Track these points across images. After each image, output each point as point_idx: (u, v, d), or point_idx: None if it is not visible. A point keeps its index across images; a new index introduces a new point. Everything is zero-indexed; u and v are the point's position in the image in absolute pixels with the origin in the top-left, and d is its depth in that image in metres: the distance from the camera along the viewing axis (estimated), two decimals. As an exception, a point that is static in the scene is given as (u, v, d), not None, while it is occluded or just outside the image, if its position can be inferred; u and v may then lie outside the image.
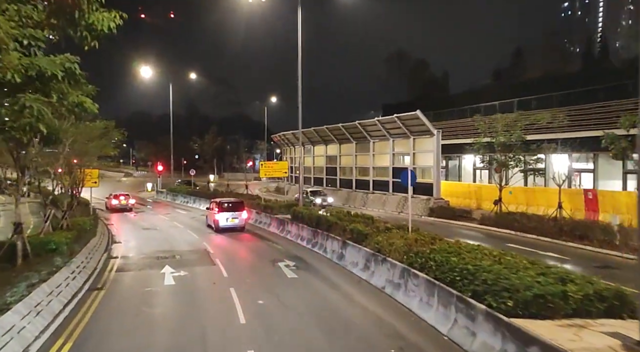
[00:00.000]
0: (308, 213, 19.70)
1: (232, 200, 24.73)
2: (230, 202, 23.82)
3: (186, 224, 27.02)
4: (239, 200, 25.24)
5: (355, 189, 35.83)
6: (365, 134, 33.74)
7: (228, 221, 22.82)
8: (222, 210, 22.96)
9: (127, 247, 19.45)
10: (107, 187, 56.89)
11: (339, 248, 15.55)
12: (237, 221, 22.97)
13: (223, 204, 23.48)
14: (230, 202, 23.96)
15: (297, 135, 44.52)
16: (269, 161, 28.07)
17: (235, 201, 24.56)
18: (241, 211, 23.27)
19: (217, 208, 23.23)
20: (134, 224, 27.18)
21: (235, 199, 25.45)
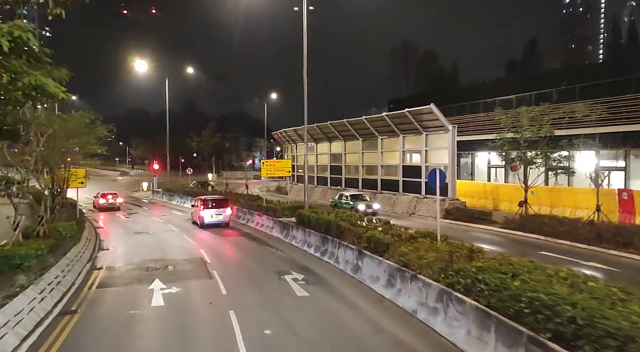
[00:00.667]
0: (315, 217, 17.72)
1: (217, 197, 25.88)
2: (214, 200, 24.87)
3: (182, 227, 25.05)
4: (223, 197, 26.28)
5: (362, 189, 33.85)
6: (372, 130, 31.76)
7: (213, 217, 23.87)
8: (207, 207, 24.07)
9: (115, 255, 17.48)
10: (102, 186, 54.86)
11: (354, 259, 13.59)
12: (222, 217, 24.06)
13: (208, 201, 24.56)
14: (215, 199, 25.05)
15: (299, 132, 42.59)
16: (271, 159, 26.07)
17: (219, 198, 25.69)
18: (225, 207, 24.38)
19: (202, 205, 24.28)
20: (126, 228, 25.20)
21: (219, 197, 26.59)
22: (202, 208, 23.98)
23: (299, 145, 44.68)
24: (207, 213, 23.80)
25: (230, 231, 23.60)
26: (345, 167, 36.59)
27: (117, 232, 23.74)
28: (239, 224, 25.83)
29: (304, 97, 21.96)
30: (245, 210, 26.61)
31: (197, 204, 25.16)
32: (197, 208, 25.02)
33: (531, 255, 15.53)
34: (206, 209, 23.92)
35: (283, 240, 20.20)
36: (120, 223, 27.32)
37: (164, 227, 25.37)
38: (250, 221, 25.63)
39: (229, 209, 24.60)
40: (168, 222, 27.35)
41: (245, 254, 17.38)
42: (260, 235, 21.98)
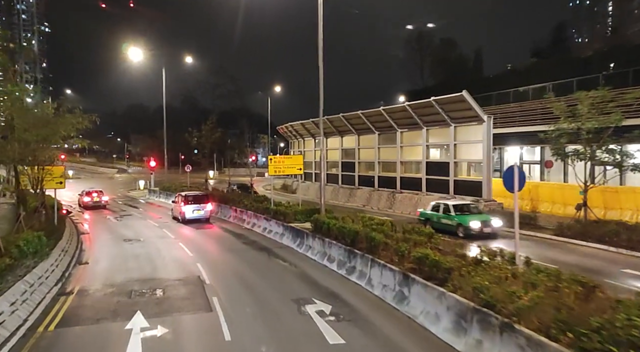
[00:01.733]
0: (338, 225, 14.54)
1: (197, 193, 26.44)
2: (195, 195, 25.42)
3: (179, 233, 21.93)
4: (204, 193, 26.97)
5: (378, 188, 30.66)
6: (391, 122, 28.51)
7: (194, 212, 24.22)
8: (188, 203, 24.39)
9: (95, 271, 14.37)
10: (97, 184, 51.89)
11: (396, 284, 10.41)
12: (202, 212, 24.42)
13: (189, 197, 24.95)
14: (196, 195, 25.60)
15: (307, 126, 39.37)
16: (279, 156, 22.81)
17: (200, 194, 26.31)
18: (206, 203, 24.79)
19: (183, 201, 24.52)
20: (115, 234, 22.09)
21: (200, 192, 27.37)
22: (183, 204, 24.30)
23: (306, 140, 41.49)
24: (189, 209, 24.17)
25: (234, 237, 20.49)
26: (359, 164, 33.38)
27: (103, 239, 20.63)
28: (244, 229, 22.70)
29: (319, 82, 18.76)
30: (250, 213, 23.46)
31: (178, 200, 25.39)
32: (178, 204, 25.22)
33: (613, 275, 12.40)
34: (187, 204, 24.27)
35: (296, 250, 17.06)
36: (109, 227, 24.21)
37: (159, 232, 22.25)
38: (256, 225, 22.49)
39: (210, 204, 25.09)
40: (164, 226, 24.24)
41: (253, 270, 14.22)
42: (268, 243, 18.84)
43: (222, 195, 28.93)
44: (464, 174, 25.23)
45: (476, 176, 23.37)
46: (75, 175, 62.11)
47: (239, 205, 25.41)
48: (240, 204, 25.37)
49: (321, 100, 18.93)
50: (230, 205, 26.26)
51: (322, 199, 18.84)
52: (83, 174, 68.86)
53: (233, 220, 25.38)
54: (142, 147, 77.47)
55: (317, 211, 19.80)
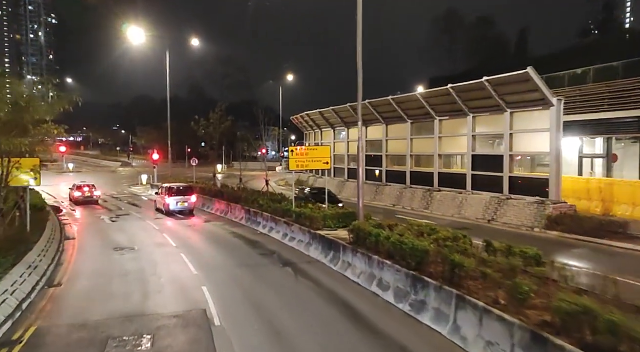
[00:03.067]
0: (393, 239, 10.71)
1: (182, 185, 25.90)
2: (179, 187, 25.01)
3: (182, 240, 18.25)
4: (188, 185, 26.52)
5: (410, 185, 26.75)
6: (428, 109, 24.51)
7: (178, 204, 23.87)
8: (172, 194, 24.01)
9: (65, 300, 10.72)
10: (98, 179, 48.54)
11: (517, 346, 6.55)
12: (187, 204, 24.11)
13: (173, 188, 24.62)
14: (180, 186, 25.24)
15: (325, 115, 35.42)
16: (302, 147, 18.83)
17: (185, 185, 25.85)
18: (190, 195, 24.42)
19: (167, 193, 24.20)
20: (106, 240, 18.46)
21: (184, 184, 26.69)
22: (168, 195, 23.94)
23: (324, 131, 37.59)
24: (173, 200, 23.78)
25: (249, 246, 16.76)
26: (387, 157, 29.44)
27: (90, 247, 17.00)
28: (259, 235, 18.97)
29: (358, 58, 14.91)
30: (266, 215, 19.70)
31: (162, 192, 25.03)
32: (162, 195, 24.84)
33: None
34: (171, 196, 23.91)
35: (329, 268, 13.29)
36: (101, 231, 20.59)
37: (158, 238, 18.59)
38: (274, 230, 18.75)
39: (194, 196, 24.74)
40: (164, 229, 20.59)
41: (281, 302, 10.44)
42: (292, 255, 15.08)
43: (232, 193, 25.22)
44: (525, 170, 21.24)
45: (541, 173, 19.39)
46: (77, 168, 58.99)
47: (253, 205, 21.67)
48: (254, 204, 21.62)
49: (360, 81, 15.04)
50: (242, 205, 22.54)
51: (359, 201, 14.97)
52: (85, 167, 65.65)
53: (246, 223, 21.67)
54: (147, 139, 74.06)
55: (351, 216, 16.01)
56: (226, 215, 24.16)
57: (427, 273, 9.30)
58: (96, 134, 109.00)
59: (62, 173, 54.40)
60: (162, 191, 25.36)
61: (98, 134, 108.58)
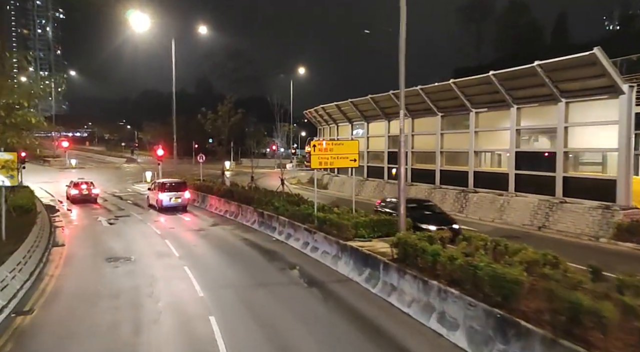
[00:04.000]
0: (461, 263, 8.12)
1: (175, 181, 25.27)
2: (172, 183, 24.47)
3: (187, 248, 15.80)
4: (182, 180, 25.79)
5: (440, 185, 24.08)
6: (463, 99, 21.80)
7: (171, 200, 23.47)
8: (165, 190, 23.56)
9: (33, 335, 8.29)
10: (101, 176, 46.40)
11: None
12: (180, 200, 23.71)
13: (165, 184, 24.10)
14: (173, 182, 24.69)
15: (343, 108, 32.73)
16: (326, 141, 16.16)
17: (178, 181, 25.20)
18: (183, 191, 24.03)
19: (159, 189, 23.78)
20: (99, 247, 16.06)
21: (177, 180, 25.91)
22: (160, 192, 23.56)
23: (341, 125, 34.96)
24: (166, 196, 23.36)
25: (265, 257, 14.25)
26: (413, 154, 26.77)
27: (79, 257, 14.58)
28: (275, 242, 16.46)
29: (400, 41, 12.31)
30: (283, 219, 17.19)
31: (154, 188, 24.68)
32: (154, 191, 24.52)
33: None
34: (164, 192, 23.49)
35: (367, 289, 10.77)
36: (95, 236, 18.19)
37: (159, 245, 16.15)
38: (292, 238, 16.24)
39: (187, 192, 24.37)
40: (167, 234, 18.15)
41: (313, 340, 7.90)
42: (318, 271, 12.56)
43: (243, 193, 22.72)
44: (586, 169, 18.51)
45: (608, 173, 16.64)
46: (80, 164, 56.91)
47: (267, 207, 19.15)
48: (268, 206, 19.10)
49: (402, 67, 12.43)
50: (255, 207, 20.04)
51: (400, 207, 12.37)
52: (89, 163, 63.60)
53: (259, 227, 19.18)
54: (153, 135, 71.91)
55: (387, 223, 13.45)
56: (236, 217, 21.70)
57: (519, 312, 6.72)
58: (102, 130, 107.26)
59: (64, 169, 52.36)
60: (154, 187, 24.94)
61: (104, 130, 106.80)
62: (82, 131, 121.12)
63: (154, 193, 24.74)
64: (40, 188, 35.21)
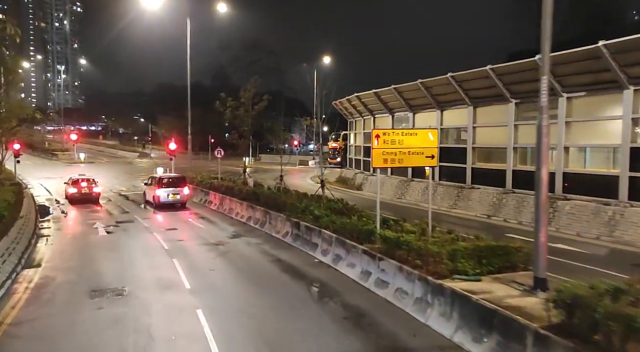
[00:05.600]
0: None
1: (174, 175, 23.66)
2: (170, 178, 22.89)
3: (202, 273, 11.63)
4: (181, 175, 23.96)
5: (513, 189, 19.47)
6: (552, 81, 17.13)
7: (169, 196, 21.99)
8: (163, 185, 22.04)
9: None
10: (111, 171, 42.90)
11: None
12: (179, 196, 22.23)
13: (163, 179, 22.53)
14: (171, 177, 23.10)
15: (383, 96, 28.18)
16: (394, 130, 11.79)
17: (176, 176, 23.51)
18: (182, 187, 22.47)
19: (157, 184, 22.12)
20: (86, 270, 11.98)
21: (176, 174, 24.33)
22: (158, 187, 22.03)
23: (378, 117, 30.48)
24: (163, 192, 21.94)
25: (311, 294, 9.97)
26: (474, 151, 22.16)
27: (53, 289, 10.49)
28: (318, 265, 12.17)
29: None
30: (328, 235, 12.87)
31: (152, 183, 23.08)
32: (151, 187, 22.91)
33: None
34: (162, 187, 22.03)
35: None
36: (86, 251, 14.14)
37: (165, 268, 12.00)
38: (343, 261, 11.92)
39: (187, 188, 22.84)
40: (177, 250, 14.04)
41: None
42: (401, 326, 8.24)
43: (271, 196, 18.39)
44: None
45: None
46: (90, 158, 53.56)
47: (304, 216, 14.84)
48: (306, 215, 14.78)
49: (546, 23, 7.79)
50: (287, 214, 15.77)
51: (539, 226, 7.88)
52: (100, 157, 60.29)
53: (293, 241, 14.92)
54: (167, 128, 68.42)
55: (503, 252, 8.97)
56: (262, 227, 17.49)
57: None
58: (115, 123, 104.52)
59: (71, 163, 49.03)
60: (152, 182, 23.06)
61: (118, 123, 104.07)
62: (96, 125, 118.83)
63: (151, 189, 22.85)
64: (41, 185, 31.66)
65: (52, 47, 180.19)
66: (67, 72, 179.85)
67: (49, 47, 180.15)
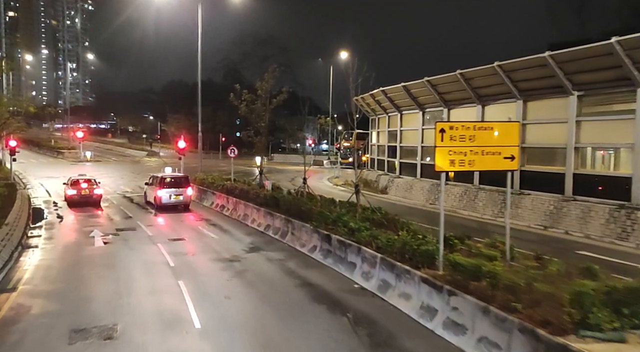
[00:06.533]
0: None
1: (176, 175, 22.35)
2: (173, 177, 21.60)
3: (215, 303, 9.16)
4: (184, 175, 22.56)
5: (574, 196, 16.74)
6: (629, 66, 14.39)
7: (171, 197, 20.71)
8: (164, 186, 20.77)
9: None
10: (118, 171, 40.80)
11: None
12: (182, 198, 20.91)
13: (165, 179, 21.14)
14: (174, 177, 21.78)
15: (412, 90, 25.60)
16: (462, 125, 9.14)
17: (179, 175, 22.32)
18: (185, 187, 21.16)
19: (159, 184, 20.82)
20: (69, 298, 9.58)
21: (179, 174, 22.94)
22: (159, 187, 20.65)
23: (406, 114, 27.84)
24: (165, 193, 20.57)
25: (352, 336, 7.37)
26: (524, 151, 19.44)
27: (23, 327, 8.07)
28: (359, 293, 9.66)
29: None
30: (369, 254, 10.32)
31: (153, 182, 21.88)
32: (153, 187, 21.55)
33: None
34: (163, 188, 20.66)
35: None
36: (75, 269, 11.76)
37: (169, 295, 9.57)
38: (393, 289, 9.38)
39: (190, 189, 21.56)
40: (184, 268, 11.63)
41: None
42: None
43: (293, 203, 15.79)
44: None
45: None
46: (97, 157, 51.56)
47: (335, 228, 12.28)
48: (340, 228, 12.21)
49: None
50: (315, 226, 13.23)
51: None
52: (107, 156, 58.32)
53: (323, 259, 12.40)
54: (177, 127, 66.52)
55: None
56: (284, 237, 15.02)
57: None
58: (125, 121, 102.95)
59: (77, 162, 47.06)
60: (153, 181, 21.79)
61: (128, 122, 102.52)
62: (106, 123, 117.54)
63: (152, 189, 21.48)
64: (41, 185, 29.53)
65: (63, 45, 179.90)
66: (78, 71, 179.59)
67: (60, 45, 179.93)
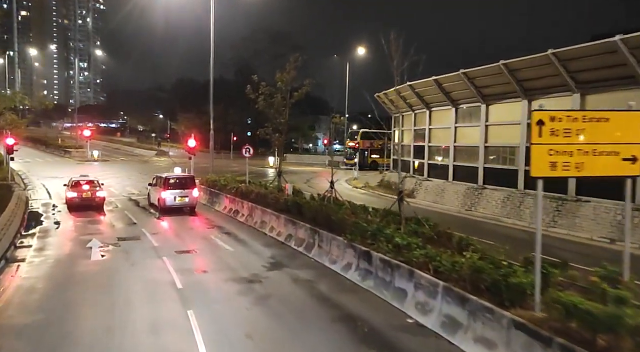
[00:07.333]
0: None
1: (182, 175, 21.93)
2: (178, 178, 20.55)
3: (234, 343, 6.96)
4: (190, 175, 21.82)
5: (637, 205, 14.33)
6: None
7: (177, 200, 19.40)
8: (169, 187, 19.49)
9: None
10: (125, 171, 39.01)
11: None
12: (187, 200, 19.67)
13: (170, 180, 19.87)
14: (179, 177, 20.84)
15: (445, 85, 23.16)
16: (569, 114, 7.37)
17: (185, 176, 21.53)
18: (191, 189, 19.95)
19: (163, 185, 19.60)
20: (46, 344, 7.50)
21: (185, 175, 22.45)
22: (164, 189, 19.36)
23: (435, 111, 25.51)
24: (170, 195, 19.25)
25: None
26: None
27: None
28: (419, 334, 7.36)
29: None
30: (430, 282, 8.10)
31: (157, 183, 20.62)
32: (157, 188, 20.28)
33: None
34: (168, 189, 19.34)
35: None
36: (62, 293, 9.71)
37: (175, 332, 7.44)
38: (465, 330, 7.07)
39: (196, 190, 20.23)
40: (194, 291, 9.55)
41: None
42: None
43: (320, 210, 13.59)
44: None
45: None
46: (104, 156, 49.93)
47: (375, 243, 10.08)
48: (382, 244, 10.01)
49: None
50: (349, 239, 11.04)
51: None
52: (115, 155, 56.71)
53: (362, 280, 10.22)
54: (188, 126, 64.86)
55: None
56: (309, 251, 12.86)
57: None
58: (136, 120, 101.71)
59: (84, 162, 45.41)
60: (157, 182, 20.74)
61: (138, 121, 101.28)
62: (116, 122, 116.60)
63: (156, 190, 20.39)
64: (43, 186, 27.75)
65: (74, 44, 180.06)
66: (89, 70, 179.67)
67: (72, 45, 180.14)
